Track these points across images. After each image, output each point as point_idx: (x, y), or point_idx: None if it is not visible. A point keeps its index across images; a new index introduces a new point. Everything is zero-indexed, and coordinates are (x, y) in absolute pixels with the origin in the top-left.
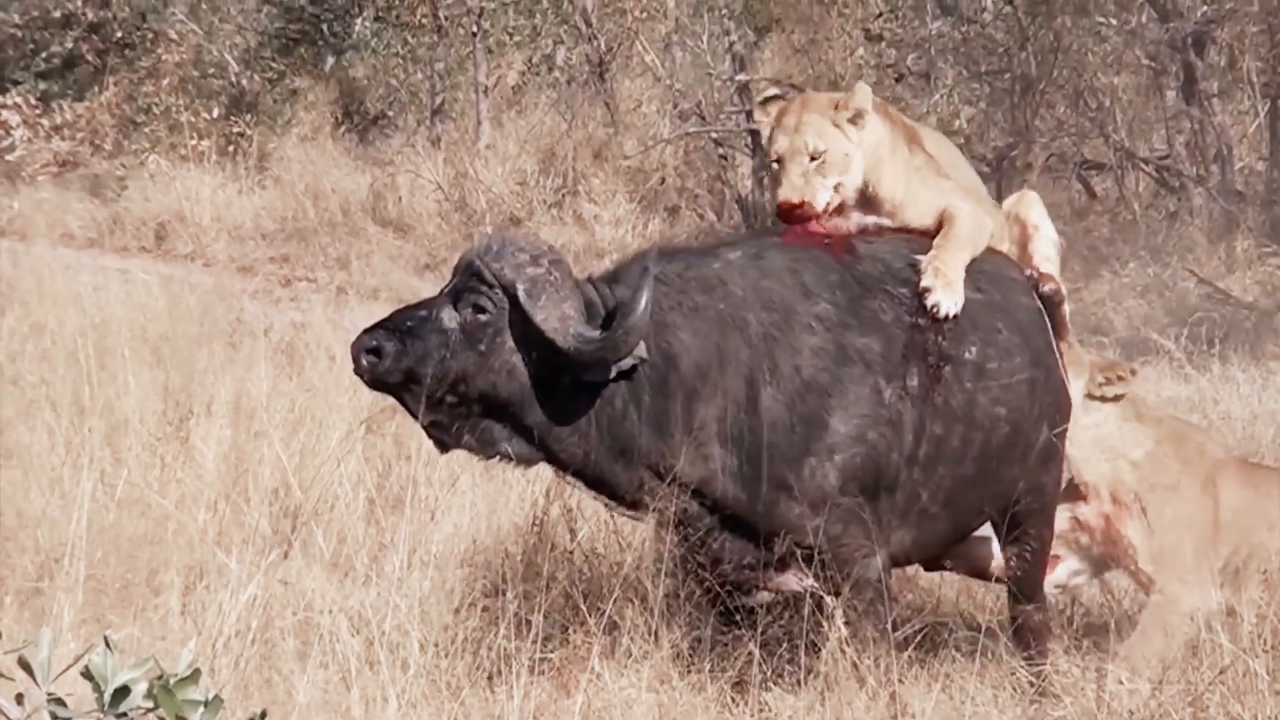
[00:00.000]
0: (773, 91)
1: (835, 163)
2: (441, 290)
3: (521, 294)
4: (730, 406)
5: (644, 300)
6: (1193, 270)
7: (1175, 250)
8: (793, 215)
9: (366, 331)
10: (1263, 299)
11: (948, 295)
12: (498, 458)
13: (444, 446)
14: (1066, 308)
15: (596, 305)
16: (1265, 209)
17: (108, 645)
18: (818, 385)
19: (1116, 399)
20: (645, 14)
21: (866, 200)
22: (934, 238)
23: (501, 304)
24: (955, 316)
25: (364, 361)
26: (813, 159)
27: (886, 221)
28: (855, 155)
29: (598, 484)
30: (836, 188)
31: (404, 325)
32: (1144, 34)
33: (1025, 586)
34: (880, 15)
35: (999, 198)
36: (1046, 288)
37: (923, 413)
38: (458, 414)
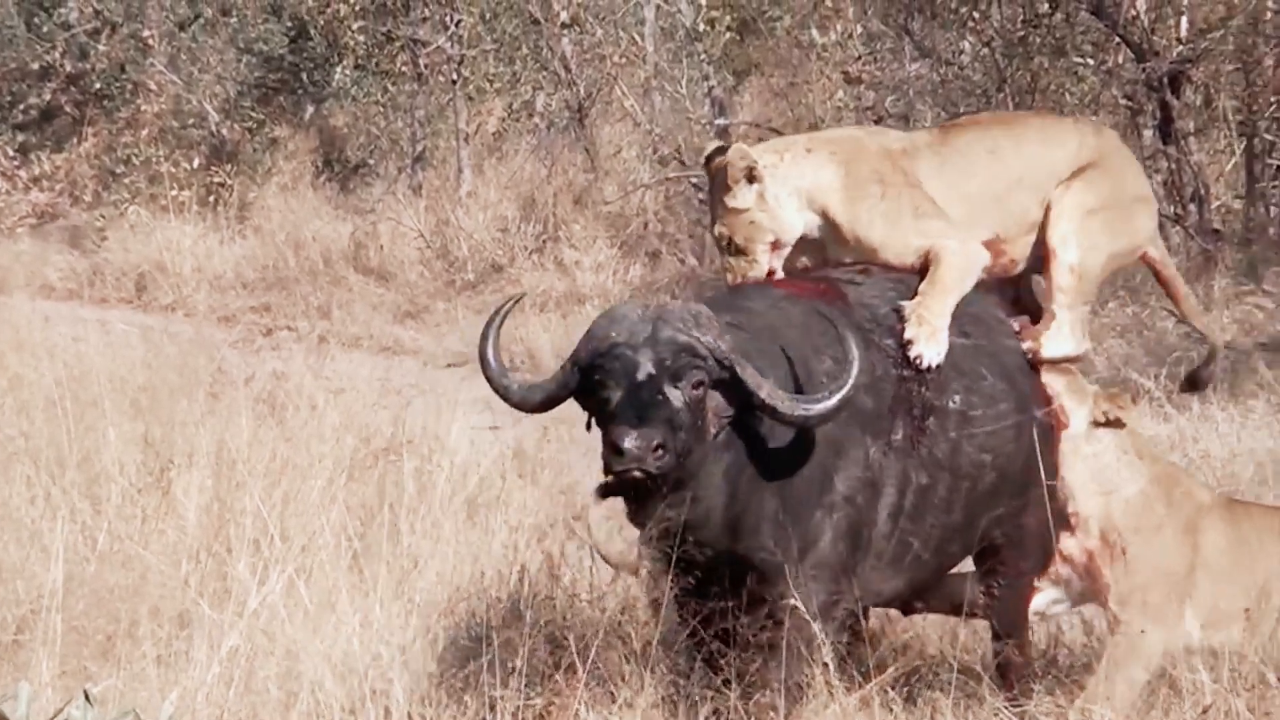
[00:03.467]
0: (713, 146)
1: (746, 238)
2: (632, 367)
3: (738, 365)
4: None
5: (856, 365)
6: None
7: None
8: None
9: (635, 430)
10: (1240, 338)
11: (930, 346)
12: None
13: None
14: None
15: None
16: (1242, 247)
17: (87, 698)
18: (828, 442)
19: (1118, 423)
20: (624, 59)
21: (838, 239)
22: (921, 278)
23: (714, 375)
24: (939, 365)
25: (655, 462)
26: (728, 246)
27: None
28: (763, 216)
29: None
30: (774, 244)
31: (658, 415)
32: (1120, 74)
33: (1005, 623)
34: (859, 58)
35: None
36: (1025, 345)
37: (906, 465)
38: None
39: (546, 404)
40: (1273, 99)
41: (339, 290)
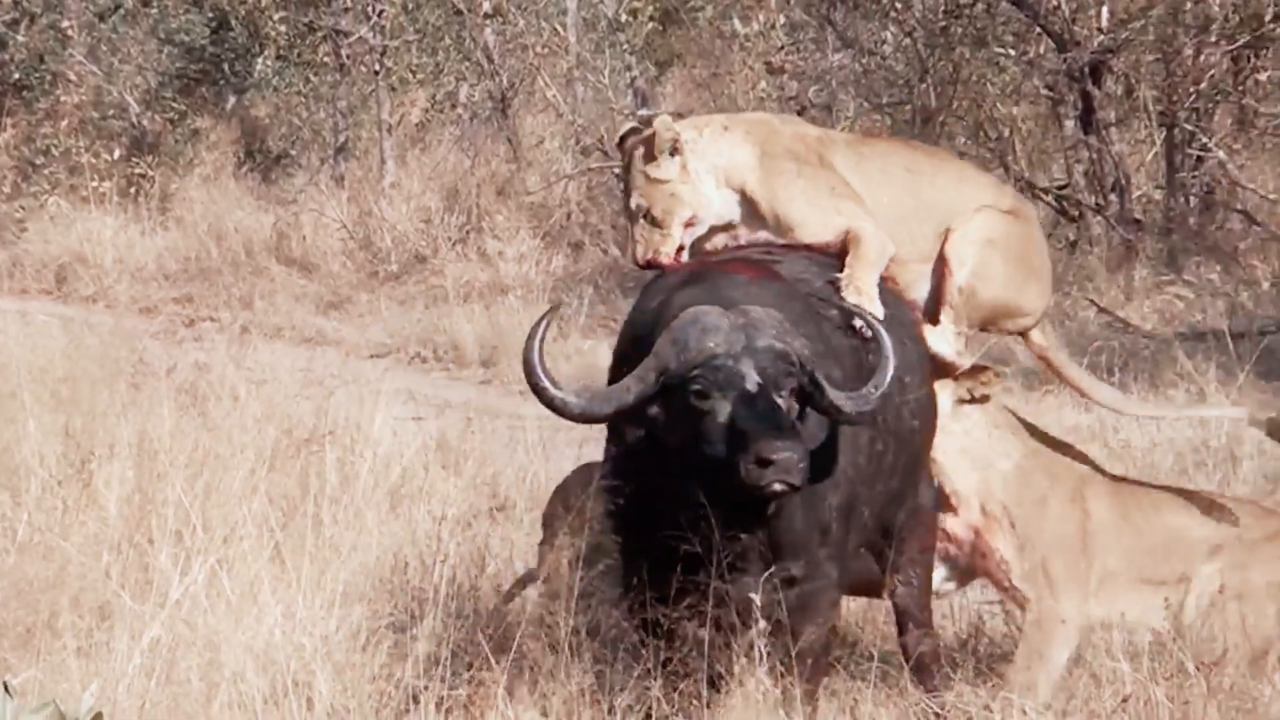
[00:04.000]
0: (627, 127)
1: (665, 210)
2: (738, 377)
3: (819, 374)
4: None
5: (892, 357)
6: (1092, 299)
7: (1075, 279)
8: (647, 269)
9: (781, 442)
10: (1161, 327)
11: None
12: None
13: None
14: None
15: None
16: (1162, 237)
17: (6, 690)
18: (821, 420)
19: (984, 399)
20: (547, 50)
21: (755, 216)
22: (839, 256)
23: (800, 382)
24: None
25: (800, 475)
26: (645, 217)
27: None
28: (684, 189)
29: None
30: (689, 223)
31: (790, 425)
32: (1042, 64)
33: (916, 606)
34: (781, 48)
35: None
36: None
37: (873, 433)
38: None
39: (620, 415)
40: (1193, 89)
41: (261, 281)
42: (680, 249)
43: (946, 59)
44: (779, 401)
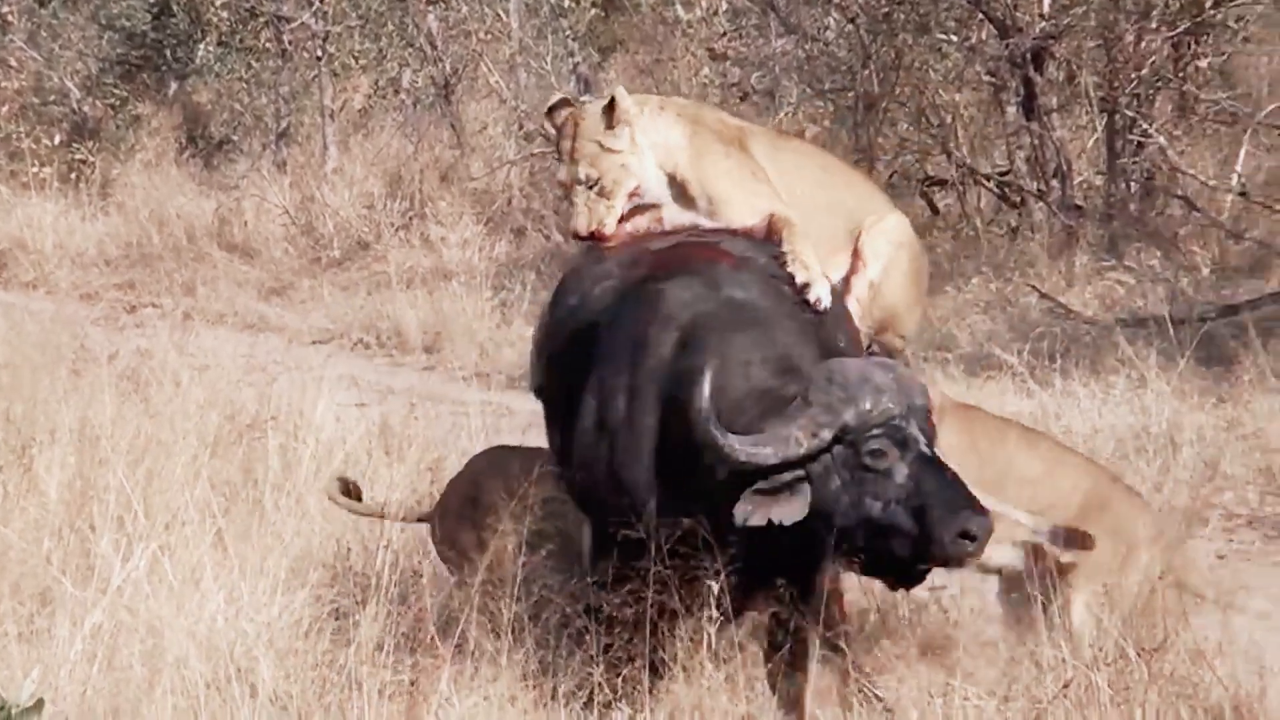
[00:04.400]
0: (557, 98)
1: (615, 180)
2: (913, 440)
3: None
4: None
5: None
6: (1034, 285)
7: (1017, 265)
8: (593, 241)
9: (979, 520)
10: (1102, 313)
11: (821, 287)
12: None
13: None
14: None
15: None
16: (1103, 223)
17: None
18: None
19: None
20: (490, 36)
21: (684, 197)
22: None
23: None
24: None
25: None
26: (590, 187)
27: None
28: (634, 160)
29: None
30: (633, 193)
31: (974, 496)
32: (984, 50)
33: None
34: (724, 34)
35: None
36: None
37: None
38: None
39: (784, 465)
40: (1134, 75)
41: (203, 267)
42: (621, 222)
43: (889, 45)
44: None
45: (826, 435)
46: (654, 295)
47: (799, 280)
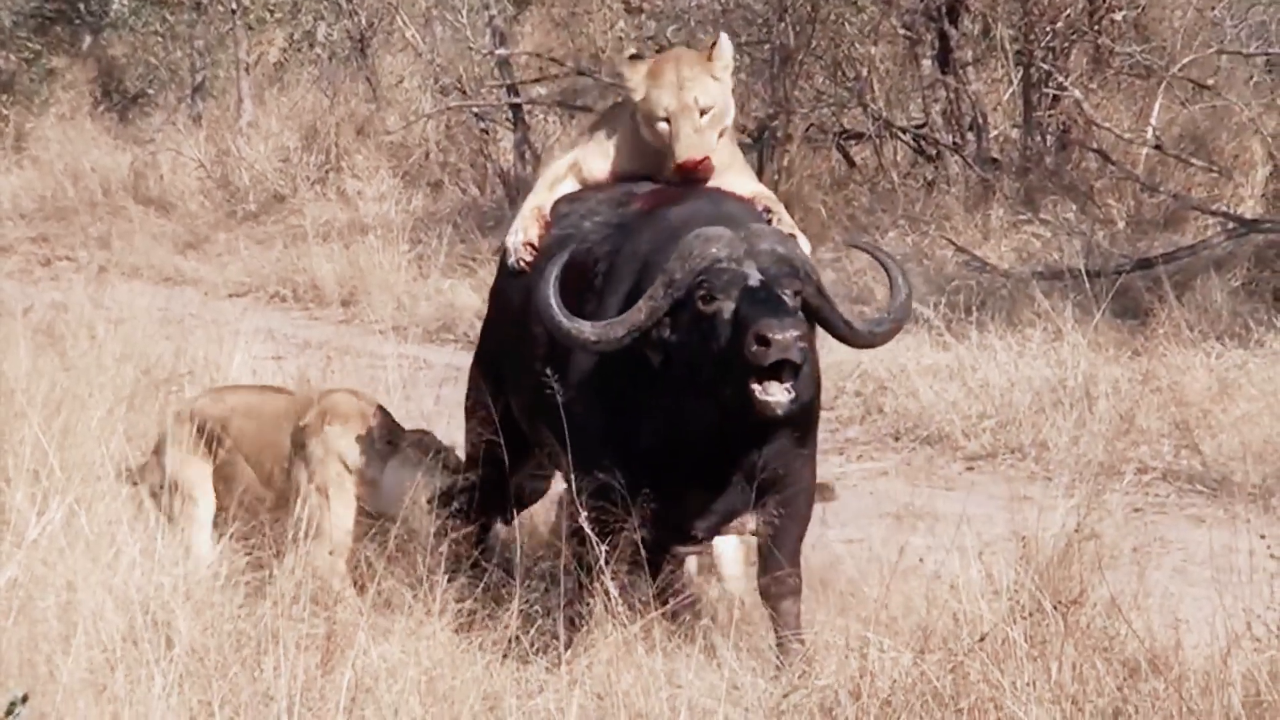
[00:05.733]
0: (632, 51)
1: (720, 114)
2: (740, 277)
3: (824, 285)
4: None
5: (905, 286)
6: (950, 239)
7: (933, 219)
8: (694, 172)
9: (777, 323)
10: (1018, 266)
11: (805, 243)
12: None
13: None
14: None
15: None
16: (1019, 176)
17: None
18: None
19: None
20: None
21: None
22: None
23: (807, 292)
24: None
25: (797, 351)
26: (702, 114)
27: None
28: (730, 106)
29: (736, 454)
30: (721, 133)
31: (789, 308)
32: (899, 3)
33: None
34: None
35: (760, 170)
36: None
37: None
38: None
39: (631, 335)
40: (1049, 28)
41: (119, 221)
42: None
43: None
44: (779, 292)
45: (661, 294)
46: (660, 218)
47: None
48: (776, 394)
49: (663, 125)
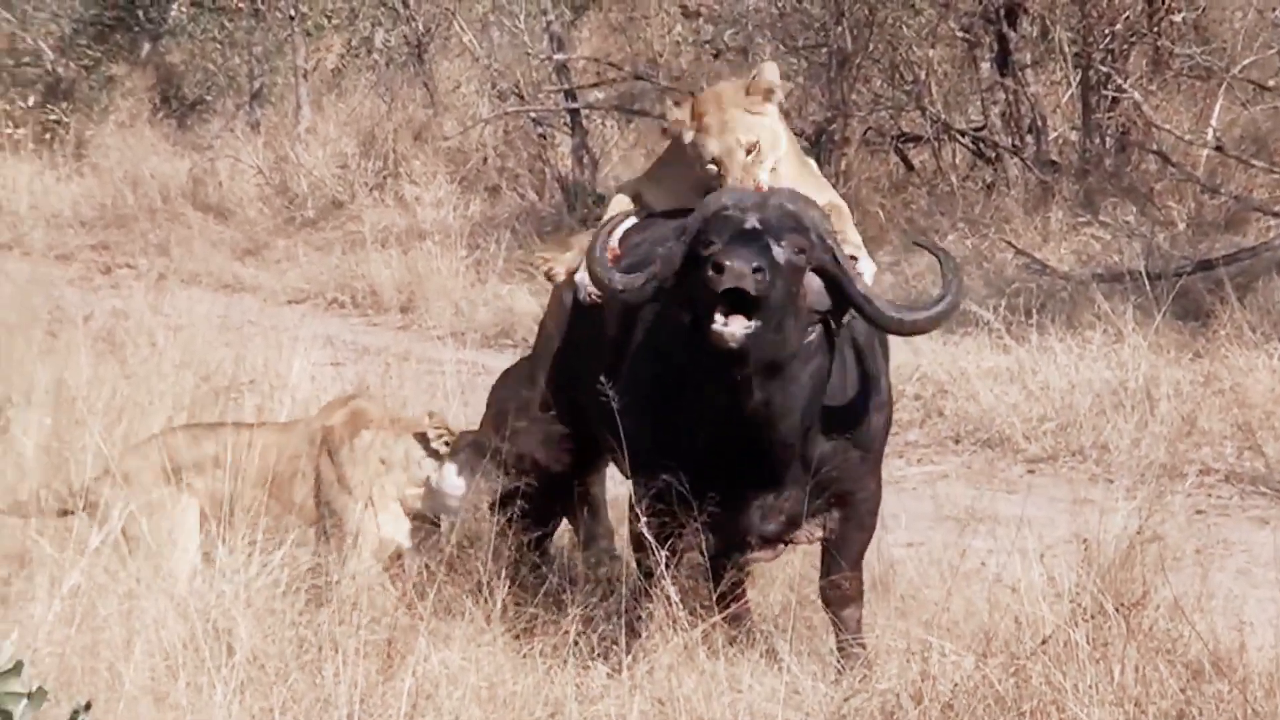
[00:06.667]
0: (672, 101)
1: (767, 145)
2: (739, 221)
3: (838, 249)
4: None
5: (957, 281)
6: (1010, 241)
7: (992, 221)
8: None
9: (735, 252)
10: (1078, 268)
11: (866, 263)
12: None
13: (736, 386)
14: None
15: None
16: (1079, 178)
17: None
18: (870, 346)
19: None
20: None
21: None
22: None
23: (813, 252)
24: None
25: (752, 281)
26: (748, 152)
27: None
28: (780, 130)
29: (766, 439)
30: (773, 166)
31: (759, 248)
32: (958, 6)
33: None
34: None
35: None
36: None
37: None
38: (774, 350)
39: (652, 285)
40: (1108, 31)
41: (178, 227)
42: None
43: (862, 1)
44: (772, 244)
45: (677, 249)
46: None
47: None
48: (732, 326)
49: (712, 168)
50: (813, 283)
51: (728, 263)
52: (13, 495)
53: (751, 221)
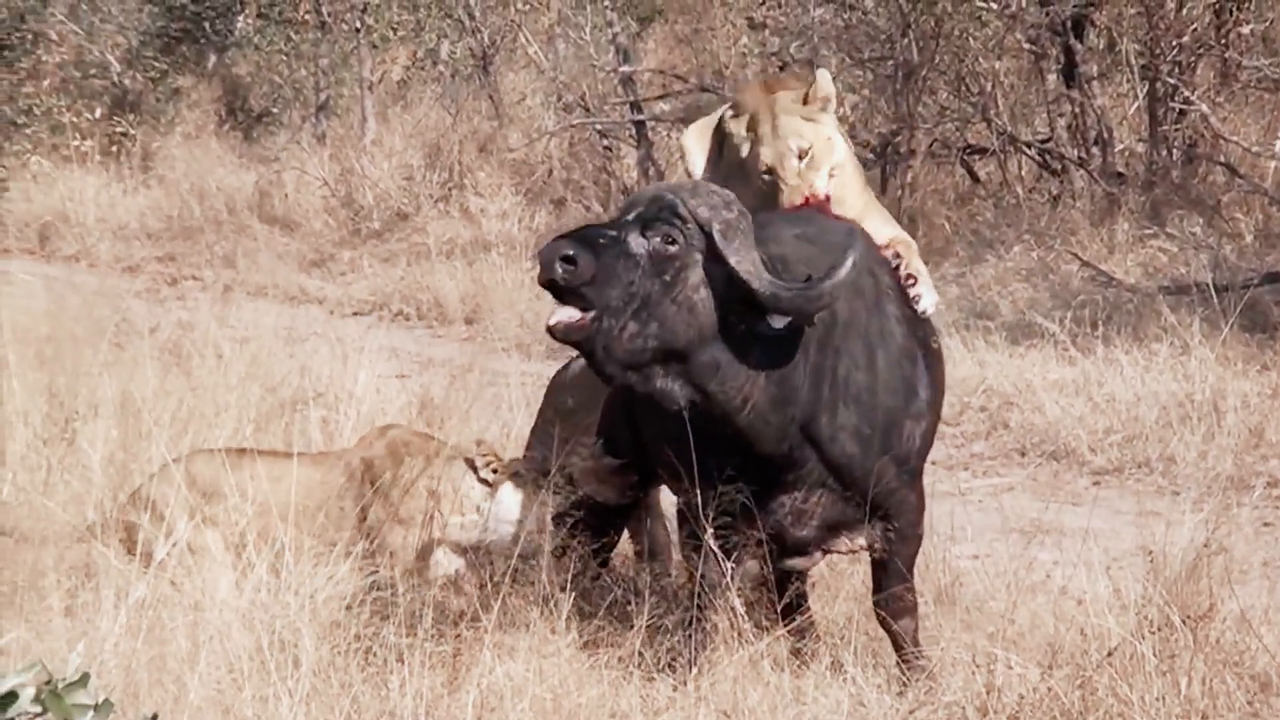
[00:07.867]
0: (725, 109)
1: (822, 152)
2: (621, 218)
3: (717, 233)
4: (853, 366)
5: (851, 261)
6: (1075, 253)
7: (1058, 233)
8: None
9: (558, 240)
10: (1144, 280)
11: (930, 297)
12: (652, 394)
13: (606, 378)
14: None
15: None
16: (1145, 190)
17: None
18: (909, 352)
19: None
20: (528, 6)
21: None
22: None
23: (692, 240)
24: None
25: (558, 269)
26: (800, 158)
27: None
28: (837, 138)
29: (737, 437)
30: (831, 173)
31: (595, 240)
32: (1024, 18)
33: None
34: (763, 3)
35: (883, 185)
36: None
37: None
38: (631, 342)
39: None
40: (1175, 42)
41: (244, 239)
42: (828, 196)
43: (928, 13)
44: (630, 237)
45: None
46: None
47: (913, 292)
48: (558, 314)
49: (767, 177)
50: (716, 271)
51: (541, 256)
52: (78, 506)
53: (625, 217)
